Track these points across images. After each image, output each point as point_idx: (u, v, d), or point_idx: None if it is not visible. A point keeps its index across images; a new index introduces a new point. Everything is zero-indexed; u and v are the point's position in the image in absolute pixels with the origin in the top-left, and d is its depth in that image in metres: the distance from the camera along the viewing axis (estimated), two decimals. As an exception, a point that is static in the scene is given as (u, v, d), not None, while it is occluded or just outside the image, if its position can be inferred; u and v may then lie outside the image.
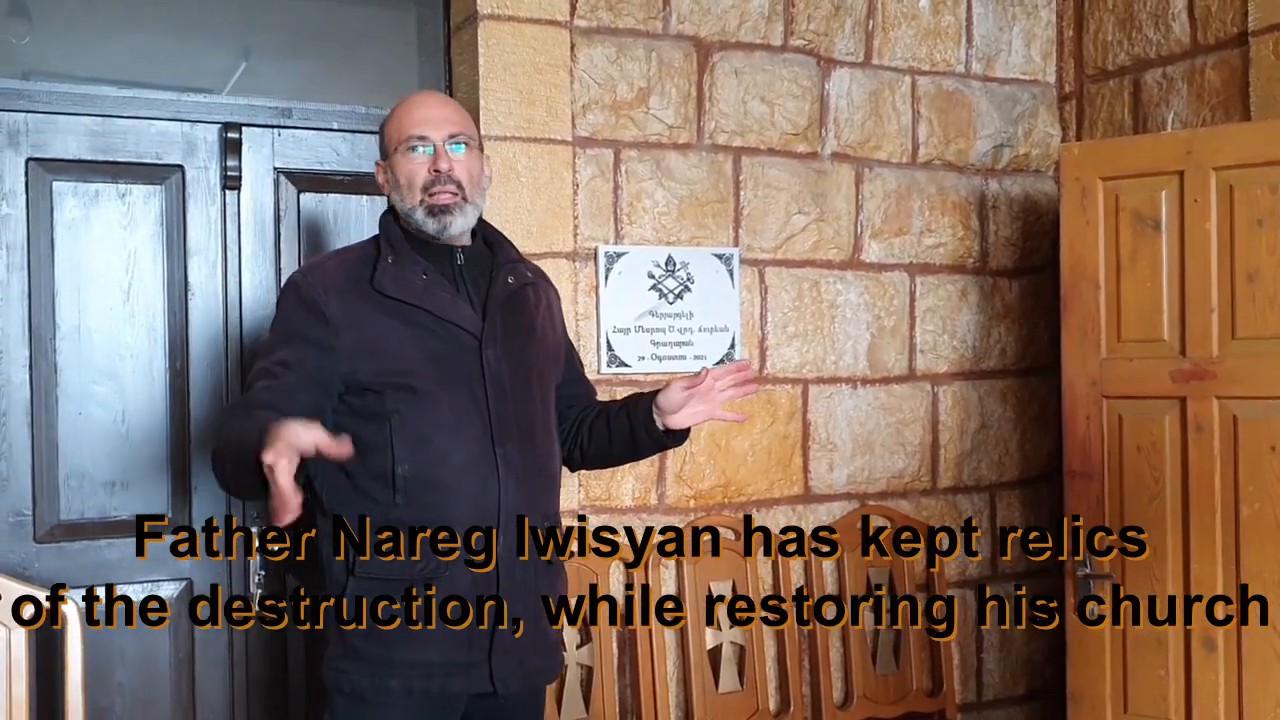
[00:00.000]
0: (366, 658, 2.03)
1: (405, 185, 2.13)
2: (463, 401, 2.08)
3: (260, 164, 2.85)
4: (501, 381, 2.11)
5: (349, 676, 2.05)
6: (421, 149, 2.13)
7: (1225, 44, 3.21)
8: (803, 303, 3.36)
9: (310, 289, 2.08)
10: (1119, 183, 3.02)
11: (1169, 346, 2.94)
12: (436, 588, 2.03)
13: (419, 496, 2.03)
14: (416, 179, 2.12)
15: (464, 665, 2.05)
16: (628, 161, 3.13)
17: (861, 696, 3.30)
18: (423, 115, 2.15)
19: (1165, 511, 2.94)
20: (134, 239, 2.74)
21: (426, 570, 2.03)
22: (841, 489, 3.41)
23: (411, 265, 2.11)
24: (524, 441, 2.13)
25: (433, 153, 2.12)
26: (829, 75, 3.40)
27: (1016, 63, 3.70)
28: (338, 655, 2.06)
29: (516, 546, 2.09)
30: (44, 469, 2.65)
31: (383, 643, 2.03)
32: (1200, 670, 2.88)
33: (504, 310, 2.17)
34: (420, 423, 2.05)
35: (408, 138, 2.13)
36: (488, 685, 2.07)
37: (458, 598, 2.04)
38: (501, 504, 2.07)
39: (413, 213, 2.13)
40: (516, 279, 2.22)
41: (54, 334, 2.67)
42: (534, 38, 2.97)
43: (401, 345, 2.06)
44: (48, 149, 2.66)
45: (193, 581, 2.77)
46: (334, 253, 2.25)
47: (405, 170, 2.13)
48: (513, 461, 2.10)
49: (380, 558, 2.03)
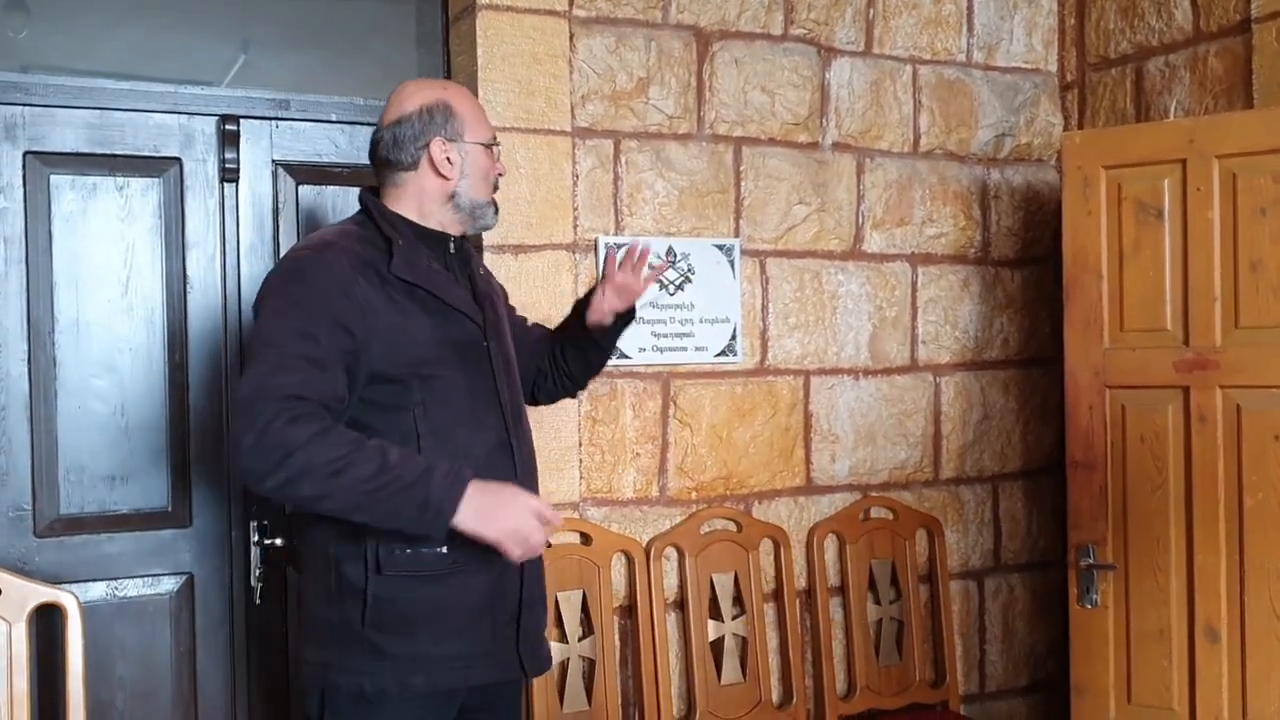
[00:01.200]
0: (392, 656, 1.99)
1: (482, 180, 2.17)
2: (478, 389, 2.08)
3: (258, 156, 2.84)
4: (504, 369, 2.14)
5: (371, 678, 1.98)
6: (496, 150, 2.21)
7: (1228, 31, 3.19)
8: (804, 293, 3.35)
9: (335, 267, 1.95)
10: (1121, 171, 3.00)
11: (1172, 336, 2.93)
12: (464, 578, 2.02)
13: None
14: (491, 177, 2.19)
15: (489, 654, 2.06)
16: (627, 152, 3.11)
17: (864, 688, 3.30)
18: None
19: (1168, 502, 2.93)
20: (132, 232, 2.73)
21: (457, 561, 2.00)
22: (844, 480, 3.41)
23: (416, 251, 2.08)
24: (523, 428, 2.18)
25: (499, 158, 2.23)
26: (830, 64, 3.39)
27: (1018, 51, 3.68)
28: (357, 658, 1.99)
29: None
30: (43, 463, 2.65)
31: (410, 640, 1.99)
32: (1203, 661, 2.87)
33: (487, 299, 2.20)
34: (443, 414, 2.02)
35: (494, 136, 2.20)
36: (518, 670, 2.11)
37: (482, 588, 2.04)
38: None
39: (485, 207, 2.18)
40: (485, 271, 2.30)
41: (52, 328, 2.66)
42: (533, 28, 2.96)
43: (423, 333, 2.02)
44: (45, 142, 2.65)
45: (193, 575, 2.77)
46: (335, 233, 2.09)
47: (484, 166, 2.17)
48: (522, 449, 2.14)
49: (406, 553, 1.98)
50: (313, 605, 2.09)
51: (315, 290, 1.94)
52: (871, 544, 3.38)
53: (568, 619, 2.94)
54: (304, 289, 1.95)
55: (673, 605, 3.14)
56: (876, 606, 3.37)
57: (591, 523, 3.03)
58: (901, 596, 3.40)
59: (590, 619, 2.98)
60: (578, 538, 3.00)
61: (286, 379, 1.86)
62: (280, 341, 1.90)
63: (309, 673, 2.05)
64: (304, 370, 1.87)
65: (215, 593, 2.78)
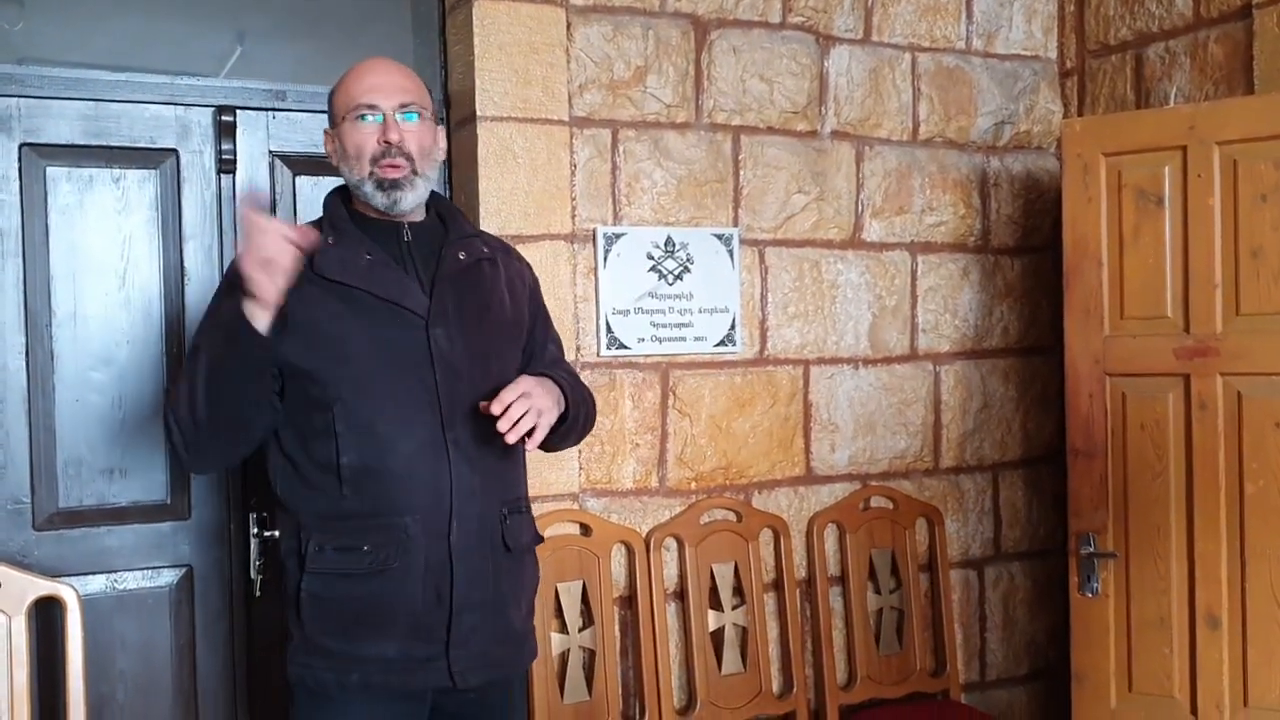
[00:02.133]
0: (328, 652, 1.99)
1: (354, 156, 2.04)
2: (410, 386, 2.00)
3: (255, 147, 2.83)
4: (452, 363, 2.03)
5: (313, 672, 2.01)
6: (371, 118, 2.04)
7: (1229, 17, 3.18)
8: (803, 283, 3.34)
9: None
10: (1121, 159, 2.99)
11: (1172, 324, 2.92)
12: (387, 580, 1.97)
13: (366, 486, 1.97)
14: (365, 149, 2.03)
15: (421, 659, 2.00)
16: (625, 141, 3.10)
17: (865, 677, 3.30)
18: (372, 82, 2.06)
19: (1169, 489, 2.92)
20: (129, 224, 2.73)
21: (376, 562, 1.97)
22: (843, 470, 3.40)
23: (355, 245, 2.03)
24: (478, 424, 2.03)
25: (382, 122, 2.04)
26: (828, 53, 3.37)
27: (1017, 39, 3.67)
28: (300, 650, 2.02)
29: (476, 534, 2.03)
30: (42, 456, 2.64)
31: (343, 637, 1.98)
32: (1204, 648, 2.87)
33: (455, 287, 2.09)
34: (365, 410, 1.98)
35: (356, 106, 2.04)
36: (446, 680, 2.02)
37: (409, 590, 1.98)
38: (455, 490, 2.00)
39: (361, 185, 2.05)
40: (470, 254, 2.14)
41: (50, 320, 2.66)
42: (530, 17, 2.95)
43: (343, 330, 1.98)
44: (41, 134, 2.64)
45: (193, 568, 2.76)
46: None
47: (353, 140, 2.04)
48: (464, 446, 2.02)
49: (331, 551, 1.98)
50: (280, 598, 2.14)
51: (224, 296, 2.01)
52: (871, 533, 3.37)
53: (568, 610, 2.94)
54: (216, 298, 2.06)
55: (673, 595, 3.14)
56: (877, 596, 3.37)
57: (591, 513, 3.02)
58: (901, 586, 3.40)
59: (590, 610, 2.98)
60: (577, 528, 3.00)
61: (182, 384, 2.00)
62: (194, 346, 2.03)
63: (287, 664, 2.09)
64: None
65: (214, 585, 2.78)
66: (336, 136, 2.09)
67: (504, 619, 2.09)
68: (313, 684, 2.01)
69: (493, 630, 2.07)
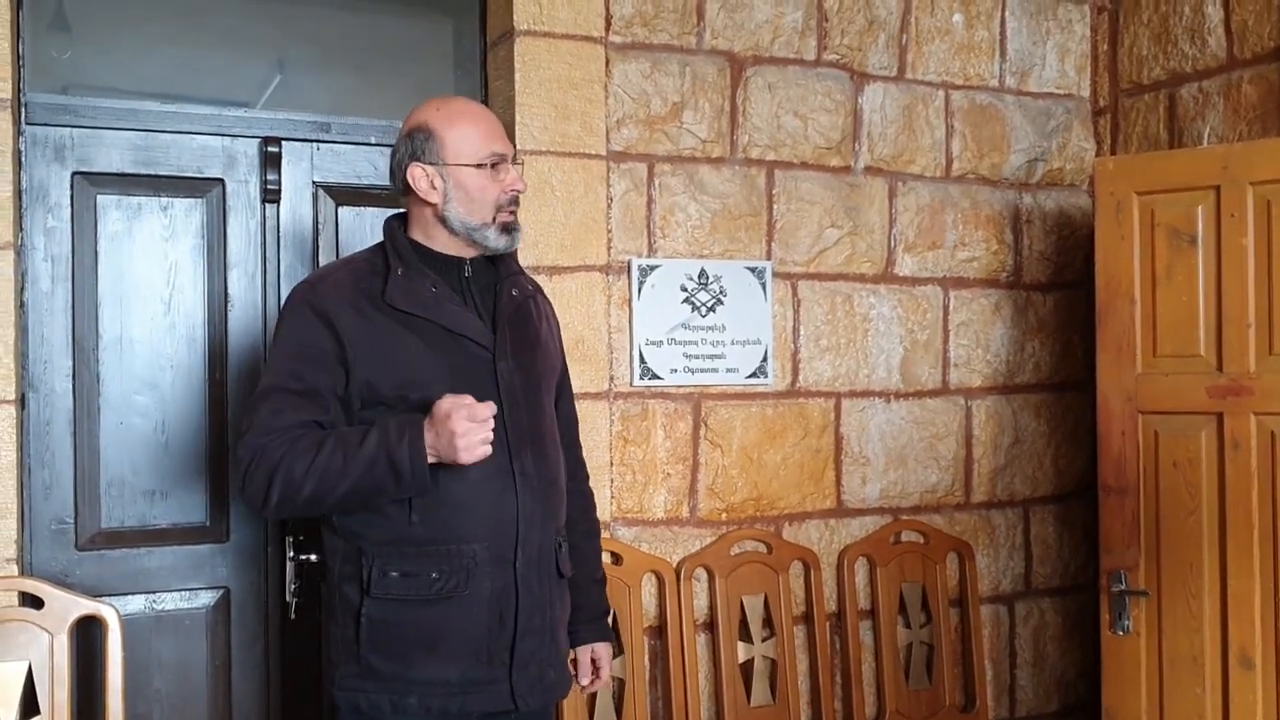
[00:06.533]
0: (384, 676, 2.01)
1: (477, 200, 2.09)
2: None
3: (299, 178, 2.89)
4: (515, 393, 2.09)
5: (366, 695, 2.02)
6: (503, 167, 2.11)
7: (1262, 58, 3.19)
8: (835, 316, 3.36)
9: (321, 301, 2.03)
10: (1154, 197, 3.00)
11: (1205, 362, 2.93)
12: (453, 605, 2.00)
13: (435, 513, 2.00)
14: (491, 196, 2.09)
15: (484, 682, 2.03)
16: (661, 175, 3.14)
17: (894, 711, 3.29)
18: (496, 130, 2.13)
19: (1202, 527, 2.91)
20: (175, 251, 2.78)
21: (445, 589, 2.00)
22: (874, 503, 3.41)
23: (420, 278, 2.07)
24: (537, 454, 2.10)
25: (508, 170, 2.12)
26: (862, 89, 3.41)
27: (1050, 77, 3.69)
28: (353, 674, 2.03)
29: (537, 561, 2.07)
30: (86, 478, 2.69)
31: (401, 661, 2.00)
32: (1238, 689, 2.85)
33: (512, 322, 2.15)
34: None
35: (491, 154, 2.09)
36: (508, 702, 2.05)
37: (475, 615, 2.01)
38: (520, 518, 2.05)
39: (482, 229, 2.10)
40: (520, 291, 2.20)
41: (96, 344, 2.71)
42: (569, 53, 3.00)
43: (416, 359, 2.03)
44: (93, 163, 2.71)
45: (230, 590, 2.80)
46: (341, 262, 2.19)
47: (479, 185, 2.08)
48: (529, 474, 2.07)
49: (396, 577, 2.00)
50: (325, 621, 2.15)
51: (300, 325, 2.04)
52: (902, 567, 3.37)
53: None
54: (290, 326, 2.07)
55: (703, 626, 3.15)
56: (907, 630, 3.37)
57: (622, 542, 3.05)
58: (932, 620, 3.39)
59: (621, 639, 2.99)
60: (609, 557, 3.01)
61: (268, 416, 1.98)
62: (267, 380, 2.04)
63: (326, 686, 2.12)
64: (286, 403, 1.99)
65: (251, 607, 2.82)
66: (445, 175, 2.08)
67: (557, 643, 2.15)
68: (366, 707, 2.02)
69: (549, 654, 2.12)
